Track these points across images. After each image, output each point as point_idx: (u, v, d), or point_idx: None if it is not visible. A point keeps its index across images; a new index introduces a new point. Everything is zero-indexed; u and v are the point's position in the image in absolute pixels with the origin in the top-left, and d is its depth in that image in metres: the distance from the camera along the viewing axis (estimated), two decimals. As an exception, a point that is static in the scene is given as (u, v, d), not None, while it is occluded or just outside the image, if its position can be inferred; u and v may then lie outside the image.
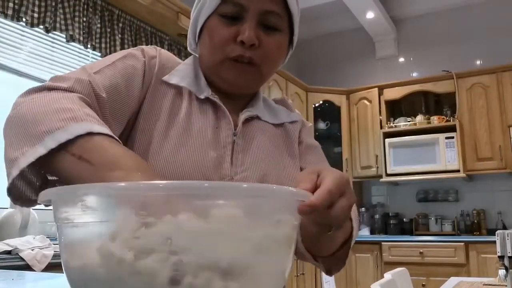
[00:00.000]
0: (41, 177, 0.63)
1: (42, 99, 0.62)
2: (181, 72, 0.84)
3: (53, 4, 2.37)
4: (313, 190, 0.50)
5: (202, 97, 0.82)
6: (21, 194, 0.61)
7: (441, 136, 4.10)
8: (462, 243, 3.69)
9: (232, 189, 0.41)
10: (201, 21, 0.82)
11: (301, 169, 0.88)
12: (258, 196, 0.42)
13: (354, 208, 0.77)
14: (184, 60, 0.90)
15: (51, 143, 0.56)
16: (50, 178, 0.65)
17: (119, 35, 2.75)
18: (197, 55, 0.89)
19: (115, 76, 0.74)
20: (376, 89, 4.52)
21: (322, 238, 0.67)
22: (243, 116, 0.84)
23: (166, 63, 0.84)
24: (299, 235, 0.75)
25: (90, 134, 0.57)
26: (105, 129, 0.59)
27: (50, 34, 2.48)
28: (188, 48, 0.91)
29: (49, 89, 0.66)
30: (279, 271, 0.45)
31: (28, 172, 0.60)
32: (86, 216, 0.40)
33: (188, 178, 0.73)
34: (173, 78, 0.82)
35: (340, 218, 0.52)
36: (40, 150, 0.55)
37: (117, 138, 0.61)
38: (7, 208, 2.01)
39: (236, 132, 0.82)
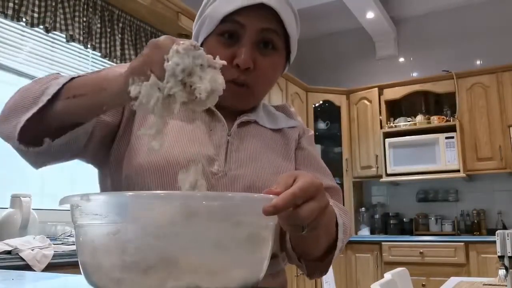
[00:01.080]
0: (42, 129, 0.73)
1: (26, 85, 0.77)
2: None
3: (53, 4, 2.37)
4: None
5: None
6: (26, 139, 0.71)
7: (441, 136, 4.10)
8: (462, 243, 3.69)
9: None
10: (200, 39, 0.85)
11: None
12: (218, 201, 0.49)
13: (347, 222, 0.80)
14: None
15: (46, 97, 0.69)
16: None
17: (119, 35, 2.75)
18: None
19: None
20: (376, 89, 4.52)
21: (306, 239, 0.71)
22: (239, 120, 0.86)
23: None
24: (287, 235, 0.79)
25: (72, 79, 0.70)
26: (81, 74, 0.73)
27: (50, 34, 2.48)
28: None
29: (32, 81, 0.79)
30: (244, 266, 0.50)
31: (32, 125, 0.70)
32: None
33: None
34: None
35: (308, 219, 0.55)
36: (40, 104, 0.68)
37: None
38: (7, 208, 2.01)
39: (230, 133, 0.84)
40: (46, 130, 0.72)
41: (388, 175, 4.30)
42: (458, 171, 4.01)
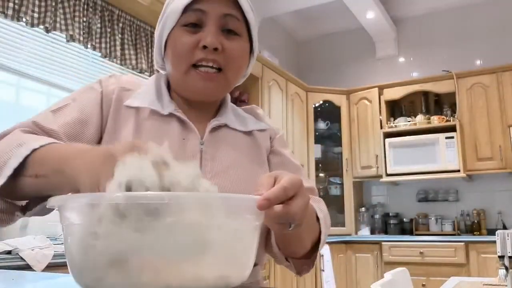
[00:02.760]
0: (8, 204, 0.69)
1: None
2: (142, 94, 0.86)
3: (53, 4, 2.38)
4: None
5: (165, 113, 0.83)
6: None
7: (441, 136, 4.10)
8: (462, 243, 3.69)
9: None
10: (165, 36, 0.84)
11: None
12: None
13: (327, 216, 0.83)
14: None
15: (7, 171, 0.63)
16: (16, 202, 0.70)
17: (119, 35, 2.75)
18: (163, 72, 0.92)
19: (73, 110, 0.80)
20: (376, 89, 4.52)
21: (292, 239, 0.73)
22: (210, 125, 0.86)
23: (126, 86, 0.86)
24: (272, 237, 0.80)
25: (34, 150, 0.64)
26: (44, 140, 0.67)
27: (50, 34, 2.48)
28: (155, 66, 0.93)
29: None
30: (226, 268, 0.49)
31: None
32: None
33: None
34: (134, 102, 0.84)
35: (298, 214, 0.56)
36: (1, 180, 0.63)
37: (56, 141, 0.69)
38: (7, 208, 2.01)
39: (203, 141, 0.84)
40: (17, 196, 0.68)
41: (388, 175, 4.30)
42: (458, 171, 4.01)
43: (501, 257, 1.47)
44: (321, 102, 4.63)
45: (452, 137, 4.05)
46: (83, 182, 0.55)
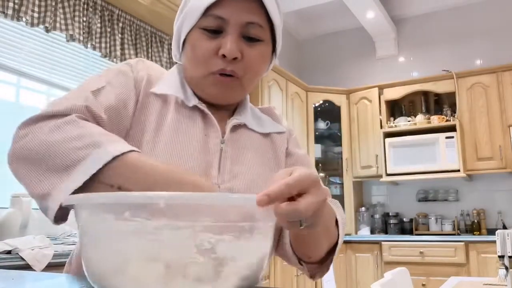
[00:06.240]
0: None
1: (45, 129, 0.63)
2: (167, 82, 0.84)
3: (53, 4, 2.37)
4: None
5: (190, 105, 0.81)
6: (62, 217, 0.63)
7: (441, 136, 4.10)
8: (462, 243, 3.68)
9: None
10: (183, 34, 0.82)
11: None
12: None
13: (343, 216, 0.80)
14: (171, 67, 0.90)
15: (82, 177, 0.58)
16: None
17: (119, 35, 2.75)
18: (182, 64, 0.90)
19: (111, 95, 0.75)
20: (376, 88, 4.52)
21: (307, 241, 0.71)
22: (230, 123, 0.84)
23: (153, 73, 0.84)
24: (286, 238, 0.78)
25: (115, 157, 0.59)
26: (122, 145, 0.62)
27: (50, 34, 2.48)
28: (173, 58, 0.91)
29: (48, 117, 0.66)
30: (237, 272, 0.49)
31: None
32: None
33: None
34: (160, 89, 0.82)
35: (306, 212, 0.51)
36: (73, 184, 0.58)
37: (134, 148, 0.63)
38: (7, 208, 2.01)
39: (223, 140, 0.82)
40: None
41: (388, 174, 4.30)
42: (458, 171, 4.00)
43: (501, 257, 1.47)
44: (321, 102, 4.63)
45: (452, 137, 4.05)
46: None
